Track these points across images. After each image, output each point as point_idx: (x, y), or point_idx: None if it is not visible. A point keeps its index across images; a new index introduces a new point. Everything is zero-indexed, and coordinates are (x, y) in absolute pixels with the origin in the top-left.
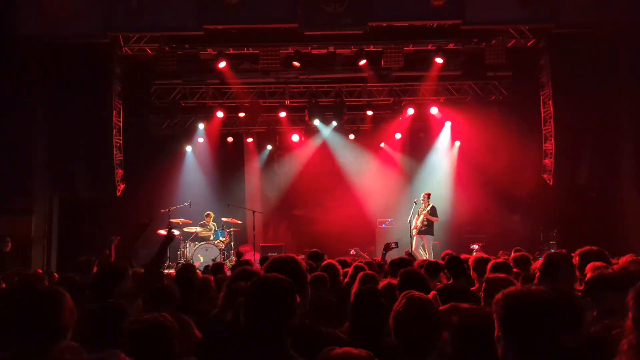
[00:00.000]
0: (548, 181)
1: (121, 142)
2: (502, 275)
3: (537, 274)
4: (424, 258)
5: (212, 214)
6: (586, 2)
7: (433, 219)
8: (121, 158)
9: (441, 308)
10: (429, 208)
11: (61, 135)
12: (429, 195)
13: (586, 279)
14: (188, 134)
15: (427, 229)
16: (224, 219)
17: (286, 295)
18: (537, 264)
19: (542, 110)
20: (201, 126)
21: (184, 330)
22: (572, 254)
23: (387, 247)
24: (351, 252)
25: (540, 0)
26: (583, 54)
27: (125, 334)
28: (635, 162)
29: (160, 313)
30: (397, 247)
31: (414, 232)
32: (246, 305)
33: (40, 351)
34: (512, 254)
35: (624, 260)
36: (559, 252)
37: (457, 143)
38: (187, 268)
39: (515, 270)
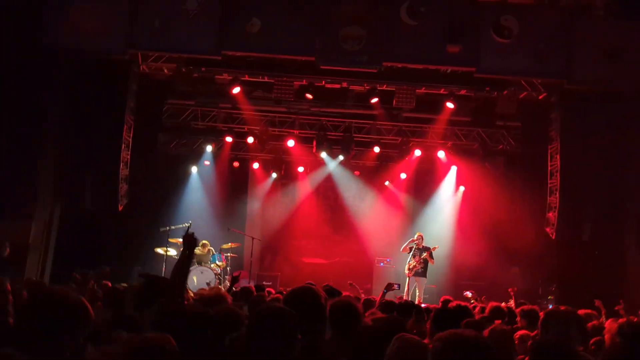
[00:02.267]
0: (550, 235)
1: (129, 157)
2: None
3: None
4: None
5: (208, 244)
6: (599, 59)
7: (432, 261)
8: (127, 174)
9: None
10: (426, 253)
11: (71, 144)
12: (421, 236)
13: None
14: (195, 155)
15: (423, 271)
16: (224, 246)
17: (287, 328)
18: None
19: (549, 164)
20: (209, 148)
21: None
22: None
23: (389, 287)
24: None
25: (553, 55)
26: (594, 111)
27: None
28: None
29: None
30: (399, 288)
31: (407, 272)
32: (248, 334)
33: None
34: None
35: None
36: (562, 309)
37: (462, 188)
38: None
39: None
